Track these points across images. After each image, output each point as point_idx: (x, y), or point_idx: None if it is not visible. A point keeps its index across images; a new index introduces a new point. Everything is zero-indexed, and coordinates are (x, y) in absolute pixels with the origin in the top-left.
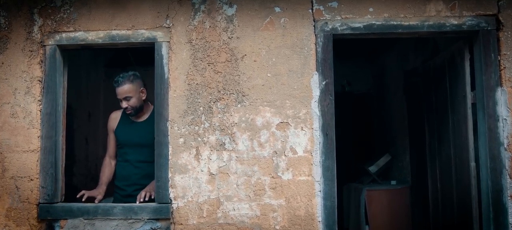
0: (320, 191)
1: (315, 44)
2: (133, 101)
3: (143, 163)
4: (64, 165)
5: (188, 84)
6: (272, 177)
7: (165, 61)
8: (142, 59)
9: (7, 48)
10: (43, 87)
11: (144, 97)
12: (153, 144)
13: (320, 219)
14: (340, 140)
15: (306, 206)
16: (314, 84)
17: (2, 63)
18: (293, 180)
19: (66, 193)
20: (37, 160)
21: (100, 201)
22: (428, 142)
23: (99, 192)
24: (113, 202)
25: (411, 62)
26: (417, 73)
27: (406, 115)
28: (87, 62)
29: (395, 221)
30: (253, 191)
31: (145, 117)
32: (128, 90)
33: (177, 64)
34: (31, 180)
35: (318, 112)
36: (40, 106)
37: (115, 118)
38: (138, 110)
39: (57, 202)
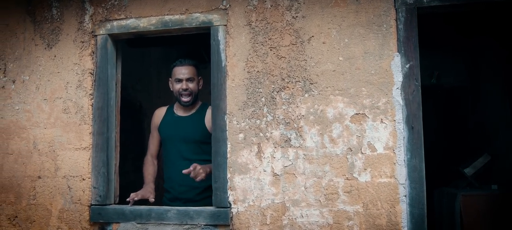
0: (405, 196)
1: (396, 20)
2: (193, 85)
3: (187, 160)
4: (118, 164)
5: (248, 72)
6: (347, 179)
7: (222, 47)
8: None
9: (59, 40)
10: (94, 80)
11: (200, 87)
12: (198, 140)
13: (406, 229)
14: (428, 139)
15: (388, 213)
16: (396, 68)
17: (55, 56)
18: (372, 182)
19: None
20: (89, 158)
21: (153, 201)
22: None
23: (148, 191)
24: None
25: None
26: None
27: (509, 109)
28: (157, 61)
29: None
30: (324, 195)
31: (192, 112)
32: (192, 72)
33: (235, 50)
34: (83, 179)
35: (401, 101)
36: (92, 100)
37: (159, 114)
38: (195, 99)
39: (110, 204)
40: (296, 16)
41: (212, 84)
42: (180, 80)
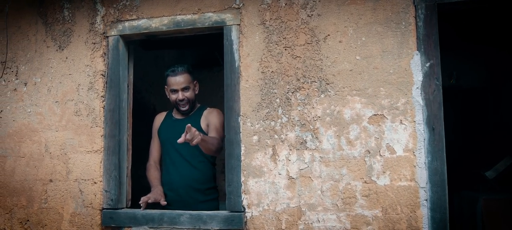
0: (426, 199)
1: (415, 17)
2: (190, 93)
3: (186, 162)
4: (130, 167)
5: (262, 72)
6: (365, 182)
7: (235, 47)
8: None
9: (70, 41)
10: (106, 82)
11: (197, 91)
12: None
13: None
14: (446, 141)
15: (408, 218)
16: (415, 66)
17: (66, 57)
18: (391, 185)
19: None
20: (101, 161)
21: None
22: None
23: (158, 194)
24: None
25: None
26: None
27: None
28: (173, 64)
29: None
30: (342, 199)
31: (189, 115)
32: (186, 80)
33: (249, 50)
34: (95, 183)
35: (421, 102)
36: (103, 102)
37: (159, 119)
38: (192, 106)
39: (122, 208)
40: (311, 15)
41: (226, 85)
42: (175, 91)
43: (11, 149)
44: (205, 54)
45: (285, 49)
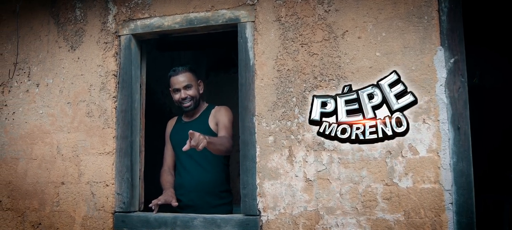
0: (451, 203)
1: (438, 11)
2: (192, 92)
3: (198, 165)
4: (143, 169)
5: (278, 70)
6: (386, 184)
7: (250, 44)
8: None
9: (82, 41)
10: (117, 82)
11: (201, 91)
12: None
13: None
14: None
15: (432, 223)
16: (439, 63)
17: (78, 58)
18: (414, 188)
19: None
20: (113, 163)
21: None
22: None
23: (170, 196)
24: None
25: None
26: None
27: None
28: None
29: None
30: (361, 202)
31: (196, 116)
32: (188, 78)
33: (264, 48)
34: (107, 185)
35: (445, 100)
36: (115, 103)
37: (170, 124)
38: (197, 104)
39: (134, 211)
40: (329, 10)
41: (240, 84)
42: (177, 90)
43: (23, 151)
44: (222, 56)
45: (302, 46)
